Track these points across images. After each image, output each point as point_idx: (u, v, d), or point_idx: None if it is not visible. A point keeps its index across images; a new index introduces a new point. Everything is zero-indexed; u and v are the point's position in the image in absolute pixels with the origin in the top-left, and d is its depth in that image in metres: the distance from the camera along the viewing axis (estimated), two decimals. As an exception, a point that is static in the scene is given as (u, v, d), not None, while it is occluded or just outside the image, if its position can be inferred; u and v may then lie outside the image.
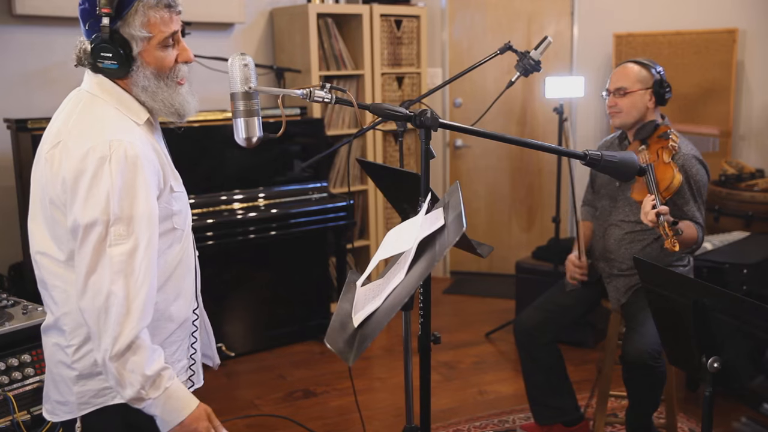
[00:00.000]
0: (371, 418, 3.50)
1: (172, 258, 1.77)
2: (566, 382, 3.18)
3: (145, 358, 1.60)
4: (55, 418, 1.81)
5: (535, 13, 5.53)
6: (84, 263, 1.59)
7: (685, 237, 2.73)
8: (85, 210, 1.58)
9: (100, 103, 1.69)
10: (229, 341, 4.19)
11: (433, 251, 1.45)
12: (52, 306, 1.75)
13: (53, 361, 1.79)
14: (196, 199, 3.97)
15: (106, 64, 1.66)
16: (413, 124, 1.72)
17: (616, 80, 3.04)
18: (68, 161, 1.60)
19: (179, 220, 1.78)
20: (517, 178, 5.78)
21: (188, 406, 1.68)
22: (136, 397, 1.62)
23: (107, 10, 1.62)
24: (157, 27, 1.67)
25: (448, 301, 5.32)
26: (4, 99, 3.97)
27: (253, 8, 4.86)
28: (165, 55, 1.71)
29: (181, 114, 1.77)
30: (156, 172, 1.67)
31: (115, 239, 1.58)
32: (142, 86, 1.71)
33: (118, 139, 1.61)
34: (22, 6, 3.92)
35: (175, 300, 1.79)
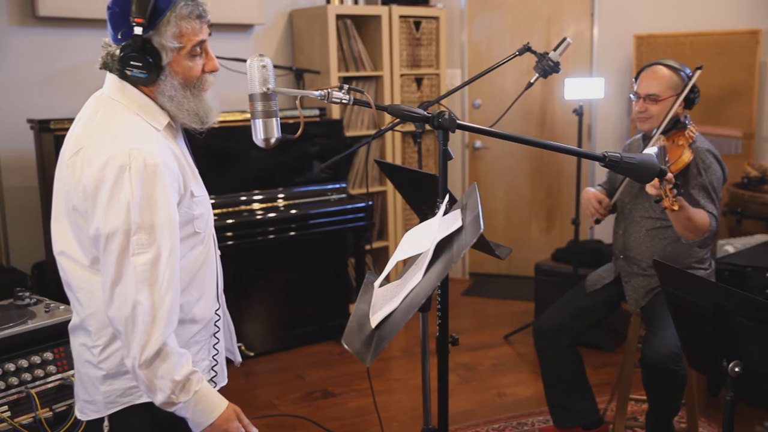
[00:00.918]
0: (389, 419, 3.50)
1: (194, 260, 1.78)
2: (586, 385, 3.16)
3: (173, 364, 1.63)
4: (84, 417, 1.84)
5: (554, 13, 5.51)
6: (109, 273, 1.61)
7: (696, 220, 2.72)
8: (107, 219, 1.59)
9: (121, 109, 1.70)
10: (248, 341, 4.21)
11: (450, 252, 1.45)
12: (78, 307, 1.77)
13: (80, 361, 1.81)
14: (216, 199, 4.00)
15: (134, 73, 1.67)
16: (431, 126, 1.71)
17: (647, 86, 2.96)
18: (89, 169, 1.62)
19: (200, 223, 1.79)
20: (537, 179, 5.76)
21: (218, 408, 1.71)
22: (167, 401, 1.64)
23: (140, 19, 1.62)
24: (188, 37, 1.68)
25: (467, 302, 5.31)
26: (27, 99, 4.02)
27: (273, 9, 4.89)
28: (193, 65, 1.72)
29: (204, 121, 1.78)
30: (176, 179, 1.68)
31: (137, 248, 1.60)
32: (168, 95, 1.72)
33: (138, 148, 1.61)
34: (44, 8, 3.97)
35: (198, 301, 1.81)
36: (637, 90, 2.99)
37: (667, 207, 2.53)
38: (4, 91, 3.98)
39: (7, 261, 4.08)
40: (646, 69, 3.01)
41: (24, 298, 2.74)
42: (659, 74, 2.95)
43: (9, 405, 2.41)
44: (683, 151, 2.80)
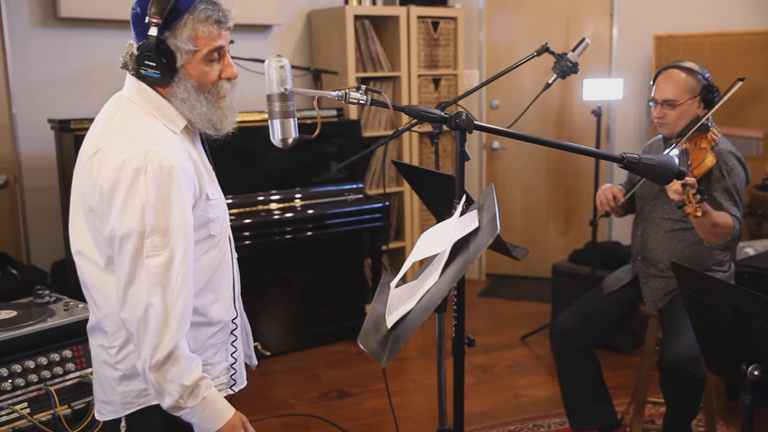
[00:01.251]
0: (405, 420, 3.50)
1: (209, 262, 1.79)
2: (603, 388, 3.14)
3: (183, 369, 1.63)
4: (102, 417, 1.85)
5: (573, 14, 5.48)
6: (122, 274, 1.61)
7: (720, 225, 2.69)
8: (122, 221, 1.60)
9: (138, 111, 1.71)
10: (264, 340, 4.22)
11: (467, 253, 1.45)
12: (94, 308, 1.78)
13: (98, 361, 1.82)
14: (233, 199, 4.02)
15: (148, 72, 1.67)
16: (448, 126, 1.71)
17: (663, 91, 2.93)
18: (105, 170, 1.62)
19: (216, 226, 1.79)
20: (555, 180, 5.74)
21: (225, 415, 1.71)
22: (174, 405, 1.65)
23: (156, 19, 1.63)
24: (204, 41, 1.68)
25: (484, 303, 5.30)
26: (48, 100, 4.06)
27: (291, 10, 4.90)
28: (209, 69, 1.71)
29: (217, 128, 1.77)
30: (191, 182, 1.68)
31: (151, 250, 1.60)
32: (181, 98, 1.72)
33: (154, 150, 1.62)
34: (66, 9, 4.01)
35: (213, 303, 1.81)
36: (654, 95, 2.97)
37: (690, 213, 2.50)
38: (26, 92, 4.03)
39: (27, 260, 4.12)
40: (662, 73, 2.98)
41: (44, 296, 2.76)
42: (675, 78, 2.92)
43: (29, 402, 2.43)
44: (706, 154, 2.77)
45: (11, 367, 2.41)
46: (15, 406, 2.40)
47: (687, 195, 2.50)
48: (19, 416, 2.39)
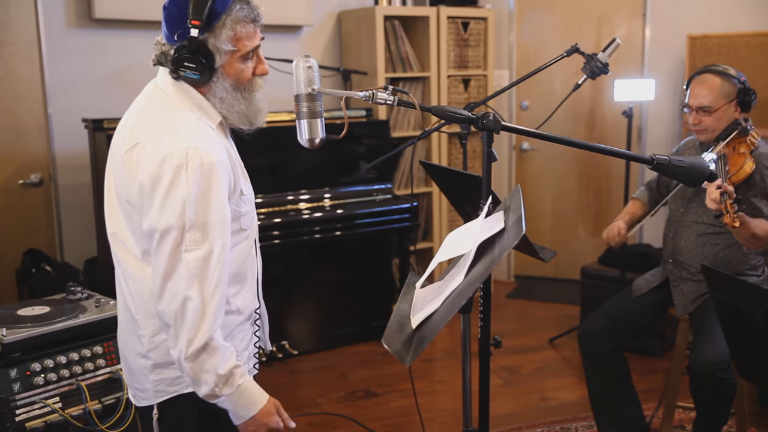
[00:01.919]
0: (431, 421, 3.50)
1: (238, 255, 1.81)
2: (631, 392, 3.11)
3: (218, 358, 1.65)
4: (137, 403, 1.89)
5: (605, 14, 5.43)
6: (161, 267, 1.64)
7: (759, 234, 2.64)
8: (162, 216, 1.62)
9: (177, 105, 1.73)
10: (292, 339, 4.25)
11: (492, 254, 1.45)
12: (128, 296, 1.80)
13: (130, 350, 1.85)
14: (263, 199, 4.05)
15: (188, 74, 1.69)
16: (475, 127, 1.71)
17: (697, 97, 2.88)
18: (145, 165, 1.64)
19: (246, 221, 1.82)
20: (585, 182, 5.69)
21: (260, 401, 1.73)
22: (210, 394, 1.67)
23: (197, 21, 1.65)
24: (242, 41, 1.71)
25: (512, 305, 5.27)
26: (82, 99, 4.13)
27: (322, 11, 4.92)
28: (244, 67, 1.74)
29: (252, 122, 1.81)
30: (228, 177, 1.71)
31: (190, 245, 1.63)
32: (219, 97, 1.74)
33: (195, 147, 1.64)
34: (101, 10, 4.07)
35: (239, 293, 1.83)
36: (688, 102, 2.92)
37: (727, 223, 2.45)
38: (61, 91, 4.10)
39: (61, 257, 4.19)
40: (695, 79, 2.92)
41: (76, 292, 2.81)
42: (709, 84, 2.86)
43: (60, 396, 2.48)
44: (745, 160, 2.71)
45: (44, 362, 2.46)
46: (47, 400, 2.45)
47: (724, 204, 2.44)
48: (51, 410, 2.44)
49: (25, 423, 2.39)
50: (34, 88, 4.04)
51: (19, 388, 2.40)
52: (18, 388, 2.40)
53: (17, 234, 4.07)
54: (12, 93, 3.99)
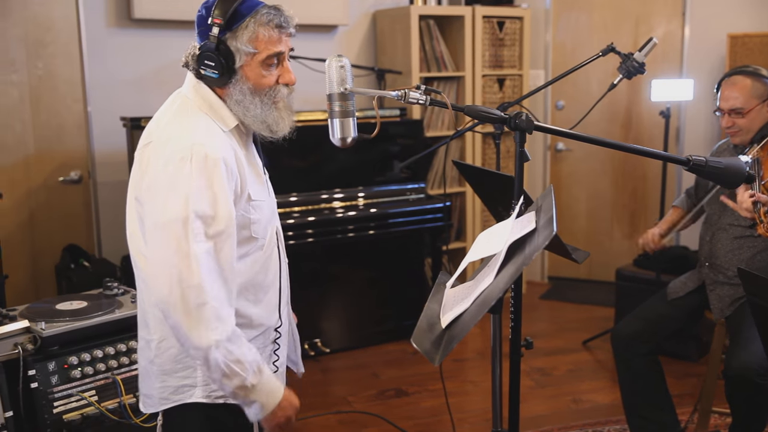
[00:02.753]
0: (462, 421, 3.49)
1: (249, 266, 1.78)
2: (666, 396, 3.07)
3: (242, 348, 1.65)
4: (143, 409, 1.88)
5: (643, 13, 5.36)
6: (168, 263, 1.61)
7: None
8: (166, 208, 1.62)
9: (192, 107, 1.75)
10: (325, 337, 4.27)
11: (522, 255, 1.44)
12: (141, 300, 1.82)
13: (141, 355, 1.86)
14: (297, 197, 4.09)
15: (207, 72, 1.71)
16: (508, 127, 1.70)
17: (728, 99, 2.84)
18: (154, 161, 1.67)
19: (258, 229, 1.78)
20: (620, 182, 5.62)
21: (281, 388, 1.73)
22: (241, 386, 1.65)
23: (219, 20, 1.67)
24: (263, 44, 1.71)
25: (545, 306, 5.24)
26: (121, 98, 4.20)
27: (357, 10, 4.94)
28: (266, 74, 1.73)
29: (273, 130, 1.78)
30: (233, 178, 1.69)
31: (194, 237, 1.60)
32: (236, 99, 1.74)
33: (201, 143, 1.65)
34: (140, 10, 4.14)
35: (254, 306, 1.80)
36: (720, 105, 2.88)
37: (762, 234, 2.39)
38: (101, 90, 4.17)
39: (99, 252, 4.27)
40: (726, 81, 2.89)
41: (112, 288, 2.86)
42: (740, 85, 2.82)
43: (96, 390, 2.52)
44: None
45: (81, 356, 2.51)
46: (84, 393, 2.50)
47: (758, 213, 2.39)
48: (88, 403, 2.49)
49: (62, 415, 2.44)
50: (74, 87, 4.12)
51: (57, 380, 2.45)
52: (56, 381, 2.45)
53: (57, 230, 4.15)
54: (53, 92, 4.08)
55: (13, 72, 3.95)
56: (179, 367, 1.76)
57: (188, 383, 1.77)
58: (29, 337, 2.46)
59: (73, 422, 2.45)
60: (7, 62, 3.92)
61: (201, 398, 1.77)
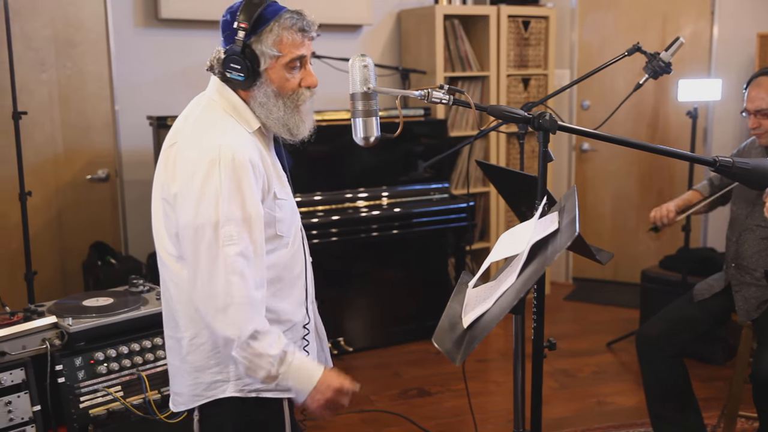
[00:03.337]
0: (484, 421, 3.48)
1: (275, 262, 1.81)
2: (691, 399, 3.03)
3: (268, 342, 1.67)
4: (175, 408, 1.91)
5: (671, 12, 5.31)
6: (200, 264, 1.66)
7: None
8: (197, 212, 1.65)
9: (217, 108, 1.78)
10: (348, 336, 4.28)
11: (544, 255, 1.44)
12: (169, 299, 1.84)
13: (171, 353, 1.89)
14: (322, 196, 4.10)
15: (233, 75, 1.75)
16: (531, 127, 1.69)
17: (754, 100, 2.82)
18: (182, 163, 1.70)
19: (283, 227, 1.81)
20: (647, 183, 5.57)
21: (317, 370, 1.74)
22: (268, 376, 1.69)
23: (245, 24, 1.71)
24: (287, 48, 1.74)
25: (569, 307, 5.21)
26: (148, 97, 4.24)
27: (381, 10, 4.94)
28: (289, 77, 1.77)
29: (293, 133, 1.82)
30: (260, 177, 1.73)
31: (226, 240, 1.64)
32: (260, 101, 1.78)
33: (227, 144, 1.68)
34: (167, 10, 4.18)
35: (281, 303, 1.83)
36: (746, 106, 2.85)
37: None
38: (128, 90, 4.22)
39: (125, 250, 4.32)
40: (753, 82, 2.87)
41: (138, 285, 2.89)
42: (765, 86, 2.80)
43: (122, 386, 2.56)
44: None
45: (107, 352, 2.54)
46: (109, 388, 2.53)
47: None
48: (113, 398, 2.52)
49: (88, 410, 2.48)
50: (102, 87, 4.17)
51: (83, 375, 2.49)
52: (82, 376, 2.49)
53: (84, 227, 4.21)
54: (81, 91, 4.13)
55: (43, 72, 4.01)
56: (212, 363, 1.79)
57: (221, 378, 1.80)
58: (57, 332, 2.50)
59: (99, 417, 2.49)
60: (37, 62, 3.98)
61: (234, 393, 1.80)
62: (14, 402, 2.36)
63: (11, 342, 2.42)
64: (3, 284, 3.93)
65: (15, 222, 3.78)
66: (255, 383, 1.79)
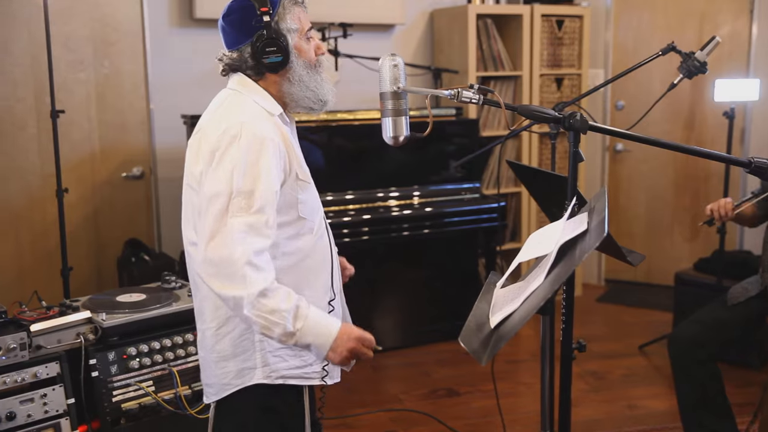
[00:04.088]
0: (513, 423, 3.46)
1: (299, 248, 1.82)
2: (724, 404, 2.99)
3: (279, 298, 1.66)
4: (207, 401, 1.93)
5: (709, 11, 5.23)
6: (206, 231, 1.67)
7: None
8: (212, 182, 1.69)
9: (240, 96, 1.82)
10: (378, 335, 4.22)
11: (572, 256, 1.43)
12: (196, 291, 1.87)
13: (201, 346, 1.91)
14: (353, 195, 4.12)
15: (271, 59, 1.78)
16: (562, 127, 1.68)
17: None
18: (205, 142, 1.74)
19: (305, 209, 1.82)
20: (682, 184, 5.49)
21: (335, 323, 1.73)
22: (285, 332, 1.66)
23: (266, 8, 1.76)
24: (300, 20, 1.83)
25: (602, 309, 5.15)
26: (182, 96, 4.29)
27: (414, 9, 4.94)
28: (309, 47, 1.85)
29: (323, 100, 1.88)
30: (281, 157, 1.75)
31: (236, 210, 1.66)
32: (299, 76, 1.82)
33: (250, 122, 1.72)
34: (201, 10, 4.23)
35: (304, 290, 1.81)
36: None
37: None
38: (163, 89, 4.27)
39: (159, 247, 4.37)
40: None
41: (170, 281, 2.93)
42: None
43: (153, 380, 2.59)
44: None
45: (139, 347, 2.58)
46: (141, 383, 2.57)
47: None
48: (145, 393, 2.56)
49: (121, 404, 2.52)
50: (137, 86, 4.24)
51: (116, 370, 2.53)
52: (115, 371, 2.53)
53: (119, 224, 4.27)
54: (117, 90, 4.19)
55: (81, 71, 4.08)
56: (239, 351, 1.81)
57: (248, 366, 1.81)
58: (91, 327, 2.55)
59: (131, 411, 2.52)
60: (75, 61, 4.05)
61: (261, 379, 1.81)
62: (49, 395, 2.41)
63: (47, 336, 2.47)
64: (40, 279, 4.01)
65: (52, 218, 3.85)
66: (281, 369, 1.81)
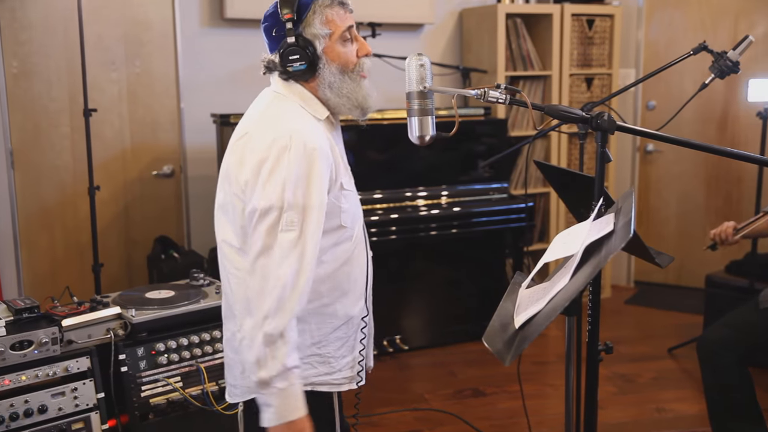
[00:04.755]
0: (539, 424, 3.44)
1: (338, 255, 1.80)
2: (755, 408, 2.94)
3: (288, 350, 1.62)
4: (230, 400, 1.93)
5: (743, 9, 5.14)
6: (256, 246, 1.65)
7: None
8: (263, 195, 1.66)
9: (286, 100, 1.80)
10: (405, 334, 4.29)
11: (598, 257, 1.42)
12: (229, 292, 1.85)
13: (227, 346, 1.91)
14: (381, 194, 4.12)
15: (295, 67, 1.76)
16: (590, 127, 1.67)
17: None
18: (252, 151, 1.70)
19: (347, 218, 1.80)
20: (713, 186, 5.42)
21: (302, 409, 1.67)
22: (265, 381, 1.62)
23: (290, 15, 1.74)
24: (335, 23, 1.77)
25: (631, 311, 5.10)
26: (212, 95, 4.33)
27: (443, 9, 4.94)
28: (346, 50, 1.79)
29: (363, 108, 1.82)
30: (329, 166, 1.73)
31: (286, 225, 1.64)
32: (328, 83, 1.79)
33: (299, 131, 1.68)
34: (231, 10, 4.26)
35: (339, 297, 1.81)
36: None
37: None
38: (194, 88, 4.32)
39: (188, 244, 4.42)
40: None
41: (199, 279, 2.96)
42: None
43: (181, 376, 2.62)
44: None
45: (167, 343, 2.61)
46: (169, 379, 2.60)
47: None
48: (172, 389, 2.59)
49: (149, 399, 2.55)
50: (168, 85, 4.29)
51: (144, 365, 2.57)
52: (144, 366, 2.56)
53: (150, 222, 4.33)
54: (149, 89, 4.25)
55: (113, 70, 4.14)
56: None
57: None
58: (121, 323, 2.58)
59: (159, 406, 2.56)
60: (108, 61, 4.11)
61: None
62: (80, 389, 2.45)
63: (78, 331, 2.51)
64: (72, 275, 4.08)
65: (84, 215, 3.92)
66: (310, 376, 1.79)
